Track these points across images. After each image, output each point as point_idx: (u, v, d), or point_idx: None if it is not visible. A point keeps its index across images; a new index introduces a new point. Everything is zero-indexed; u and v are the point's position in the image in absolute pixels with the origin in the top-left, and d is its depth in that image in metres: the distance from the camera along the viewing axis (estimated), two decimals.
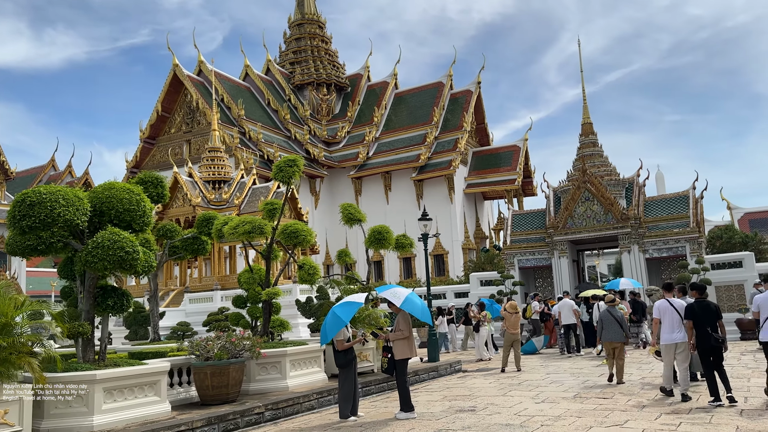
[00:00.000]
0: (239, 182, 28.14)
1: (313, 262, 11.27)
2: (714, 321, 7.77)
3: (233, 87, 44.79)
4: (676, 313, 8.22)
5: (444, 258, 42.38)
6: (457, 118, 46.08)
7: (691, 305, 8.00)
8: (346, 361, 7.93)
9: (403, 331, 8.09)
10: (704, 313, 7.77)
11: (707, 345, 7.69)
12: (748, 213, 34.37)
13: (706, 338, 7.68)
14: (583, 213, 20.55)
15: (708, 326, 7.70)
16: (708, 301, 7.98)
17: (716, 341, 7.65)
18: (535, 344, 16.70)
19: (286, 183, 10.86)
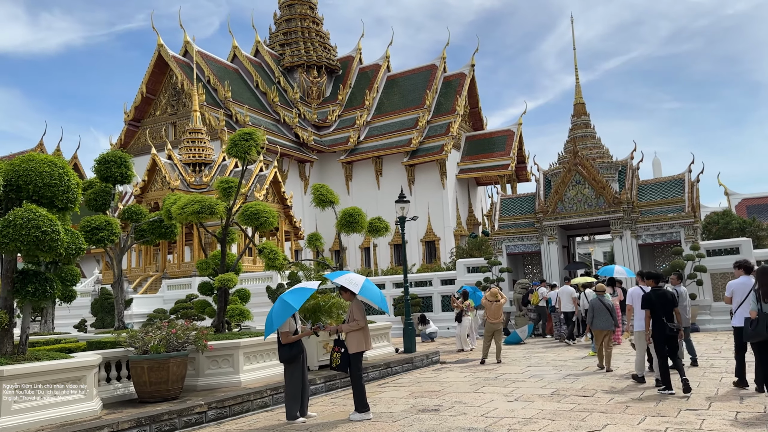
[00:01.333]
0: (221, 165, 27.22)
1: (274, 246, 10.39)
2: (670, 310, 7.81)
3: (221, 69, 43.66)
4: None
5: (435, 244, 41.60)
6: (450, 101, 45.06)
7: (647, 294, 8.02)
8: (290, 356, 7.06)
9: (358, 321, 7.26)
10: (660, 301, 7.81)
11: (662, 334, 7.75)
12: (746, 199, 33.56)
13: (662, 327, 7.74)
14: (574, 197, 19.70)
15: (664, 315, 7.75)
16: (664, 290, 8.00)
17: (671, 330, 7.70)
18: (519, 334, 15.92)
19: (241, 159, 9.93)
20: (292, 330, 7.12)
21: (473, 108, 47.50)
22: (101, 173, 13.30)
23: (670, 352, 7.81)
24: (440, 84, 46.36)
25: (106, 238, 12.53)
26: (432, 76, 46.32)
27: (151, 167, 26.29)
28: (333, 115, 46.26)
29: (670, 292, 8.08)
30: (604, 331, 10.26)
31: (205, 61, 42.28)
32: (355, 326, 7.19)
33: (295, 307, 6.77)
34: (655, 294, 7.90)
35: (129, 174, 13.47)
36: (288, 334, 7.04)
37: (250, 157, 9.91)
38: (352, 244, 42.87)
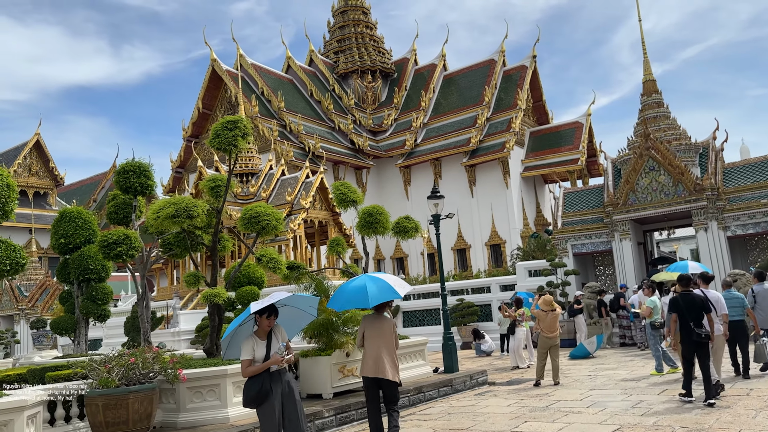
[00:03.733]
0: (267, 174, 26.39)
1: (275, 253, 8.96)
2: (699, 315, 7.51)
3: (274, 80, 43.37)
4: (710, 305, 7.89)
5: (501, 247, 39.20)
6: (510, 96, 42.65)
7: (675, 298, 7.86)
8: (257, 395, 5.19)
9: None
10: (688, 306, 7.56)
11: (689, 340, 7.48)
12: None
13: (689, 333, 7.47)
14: (648, 186, 17.24)
15: (692, 321, 7.47)
16: (694, 294, 7.71)
17: (698, 336, 7.38)
18: (587, 347, 13.75)
19: (226, 151, 8.58)
20: (259, 356, 5.27)
21: (537, 102, 44.82)
22: (121, 184, 12.46)
23: (699, 360, 7.51)
24: (500, 79, 44.07)
25: (125, 253, 11.57)
26: (491, 72, 44.12)
27: (198, 179, 25.80)
28: (389, 119, 44.94)
29: (700, 296, 7.80)
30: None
31: (258, 73, 42.12)
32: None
33: (249, 329, 5.24)
34: (683, 298, 7.66)
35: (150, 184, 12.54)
36: (247, 364, 5.23)
37: (238, 150, 8.55)
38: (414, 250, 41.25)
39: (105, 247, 11.50)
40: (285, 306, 5.34)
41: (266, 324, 5.18)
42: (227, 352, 5.27)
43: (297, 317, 5.64)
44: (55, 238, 14.32)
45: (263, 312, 5.14)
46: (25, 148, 40.36)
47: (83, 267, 14.12)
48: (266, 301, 5.10)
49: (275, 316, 5.20)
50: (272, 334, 5.25)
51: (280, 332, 5.34)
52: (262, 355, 5.25)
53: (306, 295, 5.42)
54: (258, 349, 5.21)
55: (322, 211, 25.26)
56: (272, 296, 5.21)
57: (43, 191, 41.69)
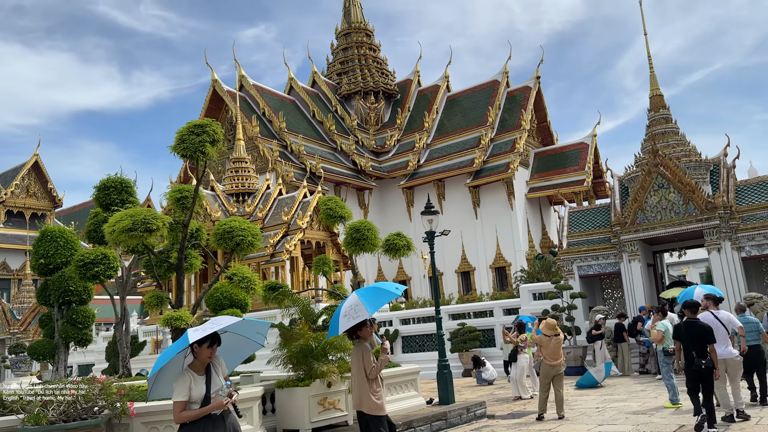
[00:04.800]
0: (264, 193, 25.74)
1: (249, 272, 8.17)
2: (701, 343, 7.40)
3: (276, 101, 43.08)
4: (722, 327, 8.01)
5: (506, 270, 38.27)
6: (515, 117, 42.13)
7: (678, 325, 7.82)
8: None
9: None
10: (691, 334, 7.51)
11: (690, 369, 7.47)
12: None
13: (690, 362, 7.43)
14: (657, 204, 16.42)
15: (694, 349, 7.41)
16: (698, 322, 7.61)
17: (698, 366, 7.30)
18: (594, 375, 12.81)
19: (192, 158, 7.87)
20: (197, 395, 4.22)
21: (541, 122, 44.31)
22: (101, 201, 11.80)
23: (703, 390, 7.42)
24: (503, 100, 43.60)
25: (102, 273, 10.82)
26: (494, 92, 43.69)
27: None
28: (392, 140, 44.46)
29: (703, 325, 7.62)
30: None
31: (260, 93, 41.85)
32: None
33: (181, 366, 4.34)
34: (686, 326, 7.59)
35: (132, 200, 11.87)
36: (180, 407, 4.18)
37: (207, 157, 7.84)
38: (417, 272, 40.32)
39: (81, 267, 10.79)
40: (225, 333, 4.47)
41: (206, 355, 4.25)
42: (154, 390, 4.38)
43: (239, 346, 4.78)
44: (35, 258, 13.61)
45: (204, 341, 4.24)
46: (23, 169, 40.00)
47: (63, 289, 13.36)
48: (207, 328, 4.26)
49: (217, 345, 4.34)
50: (211, 367, 4.34)
51: (221, 365, 4.44)
52: (201, 393, 4.26)
53: (254, 320, 4.58)
54: (195, 387, 4.24)
55: (320, 231, 24.53)
56: (214, 321, 4.39)
57: (41, 212, 41.21)
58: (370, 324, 5.98)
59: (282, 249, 22.47)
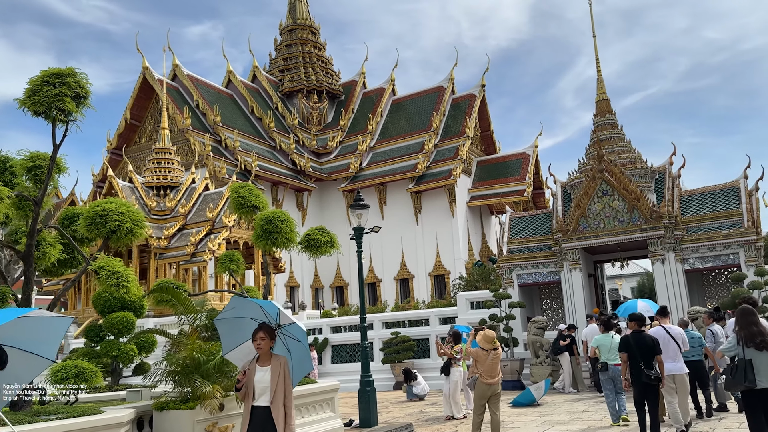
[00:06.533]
0: (189, 188, 23.81)
1: (120, 265, 6.59)
2: (649, 355, 7.41)
3: (212, 93, 40.91)
4: (673, 341, 7.99)
5: (445, 278, 37.46)
6: (459, 124, 41.56)
7: (625, 337, 7.75)
8: None
9: None
10: (639, 346, 7.46)
11: (639, 381, 7.41)
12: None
13: (638, 374, 7.39)
14: (601, 211, 15.72)
15: (642, 361, 7.38)
16: (645, 334, 7.64)
17: (647, 378, 7.30)
18: (533, 393, 11.78)
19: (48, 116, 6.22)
20: None
21: (485, 131, 43.96)
22: None
23: (648, 404, 7.42)
24: (448, 106, 43.02)
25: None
26: (439, 98, 43.02)
27: (107, 191, 22.98)
28: (334, 141, 43.05)
29: (651, 336, 7.65)
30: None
31: (194, 84, 39.63)
32: None
33: None
34: (634, 338, 7.57)
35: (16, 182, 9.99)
36: None
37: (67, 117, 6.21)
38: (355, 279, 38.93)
39: None
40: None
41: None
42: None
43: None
44: None
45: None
46: None
47: None
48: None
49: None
50: None
51: None
52: None
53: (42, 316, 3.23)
54: None
55: (248, 231, 22.79)
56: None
57: None
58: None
59: (204, 248, 20.66)
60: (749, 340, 5.83)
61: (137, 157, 37.78)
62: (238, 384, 4.80)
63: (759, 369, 5.71)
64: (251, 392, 4.82)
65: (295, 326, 5.05)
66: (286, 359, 4.96)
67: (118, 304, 9.66)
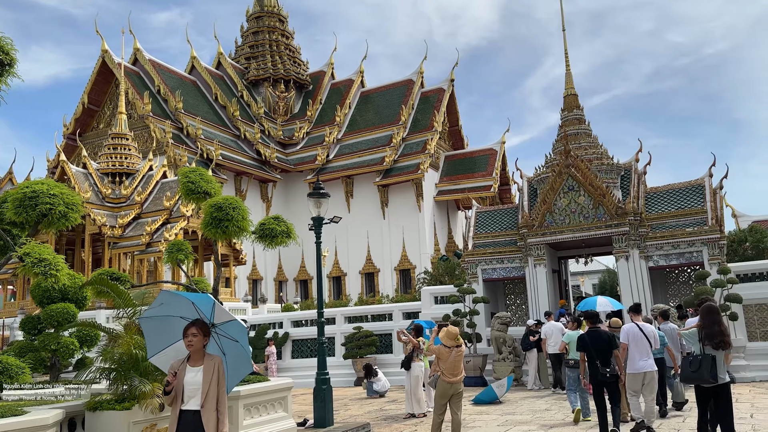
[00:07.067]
0: (146, 175, 22.91)
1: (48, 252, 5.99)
2: (606, 352, 7.46)
3: (175, 79, 39.70)
4: (645, 339, 7.86)
5: (411, 273, 37.20)
6: (427, 118, 41.30)
7: (582, 335, 7.84)
8: None
9: None
10: (595, 344, 7.51)
11: (596, 380, 7.46)
12: (757, 221, 29.62)
13: (595, 372, 7.44)
14: (566, 207, 15.57)
15: (599, 359, 7.42)
16: (601, 331, 7.70)
17: (603, 376, 7.36)
18: (496, 391, 11.53)
19: None
20: None
21: (453, 126, 43.83)
22: None
23: (610, 400, 7.44)
24: (417, 100, 42.71)
25: None
26: (408, 92, 42.66)
27: (59, 177, 21.91)
28: (300, 132, 42.32)
29: (607, 333, 7.70)
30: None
31: (156, 70, 38.37)
32: None
33: None
34: (590, 335, 7.62)
35: None
36: None
37: None
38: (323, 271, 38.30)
39: None
40: None
41: None
42: None
43: None
44: None
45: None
46: None
47: None
48: None
49: None
50: None
51: None
52: None
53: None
54: None
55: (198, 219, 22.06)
56: None
57: None
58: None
59: (160, 238, 19.86)
60: (710, 339, 5.96)
61: (95, 143, 36.40)
62: (167, 387, 4.31)
63: (719, 366, 5.90)
64: (180, 395, 4.34)
65: (233, 324, 4.58)
66: (220, 359, 4.49)
67: (59, 295, 8.99)
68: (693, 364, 5.98)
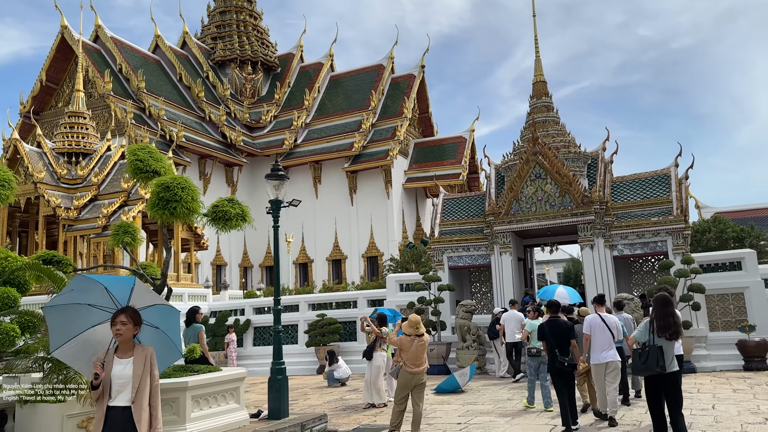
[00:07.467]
0: (103, 156, 22.04)
1: None
2: (564, 342, 7.56)
3: (137, 58, 38.39)
4: (608, 330, 7.86)
5: (378, 260, 36.96)
6: (397, 104, 40.89)
7: (542, 325, 7.98)
8: None
9: None
10: (554, 332, 7.60)
11: (553, 368, 7.58)
12: (720, 212, 30.20)
13: (553, 361, 7.55)
14: (533, 195, 15.44)
15: (557, 347, 7.52)
16: (560, 321, 7.78)
17: (561, 365, 7.47)
18: (458, 380, 11.35)
19: None
20: None
21: (423, 113, 43.52)
22: None
23: (566, 389, 7.51)
24: (387, 85, 42.23)
25: None
26: (379, 77, 42.15)
27: (11, 156, 20.91)
28: (268, 115, 41.47)
29: (566, 323, 7.81)
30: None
31: (118, 47, 37.04)
32: None
33: None
34: (549, 324, 7.73)
35: None
36: None
37: None
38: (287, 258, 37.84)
39: None
40: None
41: None
42: None
43: None
44: None
45: None
46: None
47: None
48: None
49: None
50: None
51: None
52: None
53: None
54: None
55: None
56: None
57: None
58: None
59: (117, 221, 19.12)
60: (663, 330, 5.96)
61: (53, 123, 34.99)
62: (95, 380, 3.90)
63: (668, 355, 5.96)
64: (108, 390, 3.94)
65: (155, 309, 4.18)
66: (152, 350, 4.10)
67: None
68: (642, 356, 6.02)
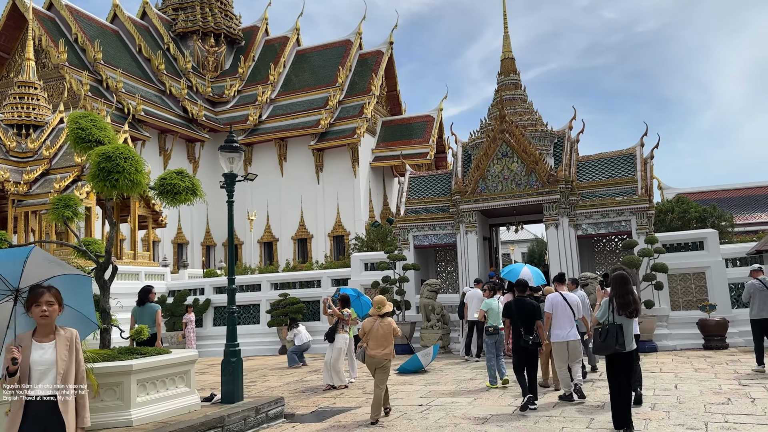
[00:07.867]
0: (56, 128, 21.02)
1: None
2: (530, 321, 7.58)
3: (94, 27, 36.78)
4: (569, 308, 7.86)
5: (345, 239, 36.58)
6: (365, 81, 40.21)
7: (508, 303, 7.96)
8: None
9: None
10: (520, 312, 7.64)
11: (518, 346, 7.58)
12: (683, 193, 30.66)
13: (518, 339, 7.57)
14: (500, 173, 15.24)
15: (522, 326, 7.56)
16: (527, 300, 7.81)
17: (526, 343, 7.49)
18: (421, 360, 11.15)
19: None
20: None
21: (391, 91, 42.96)
22: None
23: (528, 367, 7.54)
24: (355, 61, 41.48)
25: None
26: (346, 53, 41.35)
27: None
28: (231, 90, 40.36)
29: (533, 303, 7.83)
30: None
31: (74, 16, 35.40)
32: None
33: None
34: (516, 303, 7.77)
35: None
36: None
37: None
38: (252, 237, 37.14)
39: None
40: None
41: None
42: None
43: None
44: None
45: None
46: None
47: None
48: None
49: None
50: None
51: None
52: None
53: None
54: None
55: None
56: None
57: None
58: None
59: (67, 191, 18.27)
60: (623, 308, 6.06)
61: (3, 93, 33.33)
62: (11, 366, 3.47)
63: (627, 334, 6.02)
64: (26, 378, 3.53)
65: (60, 280, 3.76)
66: (76, 333, 3.69)
67: None
68: (602, 335, 6.07)
